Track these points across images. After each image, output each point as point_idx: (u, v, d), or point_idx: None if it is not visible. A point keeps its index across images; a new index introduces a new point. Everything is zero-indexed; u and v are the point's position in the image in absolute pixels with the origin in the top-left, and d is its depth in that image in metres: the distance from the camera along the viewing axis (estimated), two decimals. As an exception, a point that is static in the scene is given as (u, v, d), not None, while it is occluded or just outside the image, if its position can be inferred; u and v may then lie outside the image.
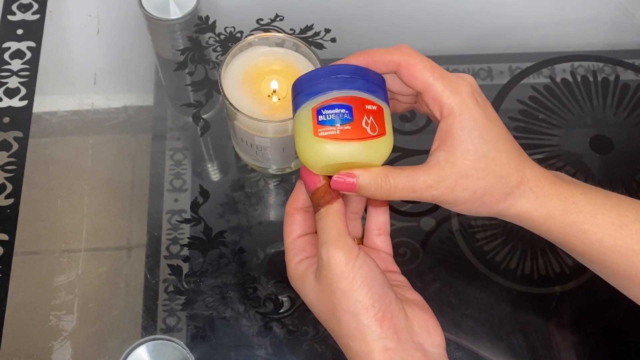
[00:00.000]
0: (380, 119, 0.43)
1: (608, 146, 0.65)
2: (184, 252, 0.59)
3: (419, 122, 0.65)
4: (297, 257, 0.45)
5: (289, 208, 0.47)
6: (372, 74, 0.44)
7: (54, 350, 0.55)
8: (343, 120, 0.42)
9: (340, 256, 0.41)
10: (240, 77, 0.55)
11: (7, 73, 0.67)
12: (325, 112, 0.42)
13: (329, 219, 0.42)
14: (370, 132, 0.42)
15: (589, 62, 0.69)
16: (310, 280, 0.43)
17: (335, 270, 0.41)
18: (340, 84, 0.43)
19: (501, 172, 0.43)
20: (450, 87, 0.42)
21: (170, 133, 0.64)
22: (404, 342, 0.41)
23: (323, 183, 0.44)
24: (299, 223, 0.46)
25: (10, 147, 0.63)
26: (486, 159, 0.42)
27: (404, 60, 0.43)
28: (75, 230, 0.60)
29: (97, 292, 0.57)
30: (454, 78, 0.43)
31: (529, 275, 0.58)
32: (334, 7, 0.72)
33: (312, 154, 0.43)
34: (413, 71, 0.43)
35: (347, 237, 0.42)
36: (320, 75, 0.43)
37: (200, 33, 0.69)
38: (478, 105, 0.43)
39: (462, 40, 0.70)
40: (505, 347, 0.56)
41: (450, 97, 0.42)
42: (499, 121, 0.44)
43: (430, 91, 0.43)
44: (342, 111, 0.42)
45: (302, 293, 0.45)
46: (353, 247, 0.41)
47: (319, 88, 0.43)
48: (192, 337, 0.55)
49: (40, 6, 0.71)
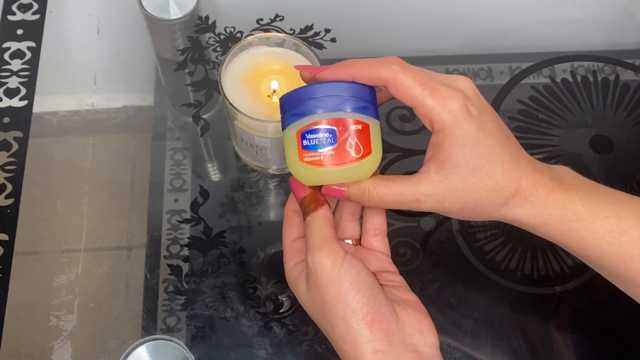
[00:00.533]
0: (366, 137, 0.43)
1: (608, 146, 0.65)
2: (184, 252, 0.59)
3: (419, 122, 0.65)
4: (293, 259, 0.46)
5: (287, 210, 0.47)
6: (359, 88, 0.43)
7: (54, 350, 0.55)
8: (327, 144, 0.42)
9: (326, 261, 0.41)
10: (240, 77, 0.55)
11: (7, 73, 0.67)
12: (309, 137, 0.42)
13: (314, 226, 0.43)
14: (354, 155, 0.42)
15: (589, 62, 0.69)
16: (302, 285, 0.44)
17: (322, 276, 0.41)
18: (326, 103, 0.42)
19: (494, 186, 0.42)
20: (440, 103, 0.41)
21: (170, 133, 0.64)
22: (394, 344, 0.41)
23: (309, 192, 0.45)
24: (296, 226, 0.47)
25: (10, 147, 0.63)
26: (478, 173, 0.42)
27: (391, 78, 0.42)
28: (75, 230, 0.60)
29: (97, 292, 0.57)
30: (445, 92, 0.41)
31: (529, 275, 0.58)
32: (334, 7, 0.71)
33: (299, 175, 0.44)
34: (401, 89, 0.42)
35: (332, 242, 0.42)
36: (305, 95, 0.43)
37: (200, 33, 0.69)
38: (471, 119, 0.41)
39: (462, 40, 0.70)
40: (505, 347, 0.56)
41: (441, 114, 0.41)
42: (497, 130, 0.43)
43: (420, 108, 0.42)
44: (325, 135, 0.42)
45: (297, 296, 0.45)
46: (339, 252, 0.42)
47: (303, 109, 0.43)
48: (192, 337, 0.55)
49: (40, 6, 0.71)
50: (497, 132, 0.43)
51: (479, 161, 0.42)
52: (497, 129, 0.43)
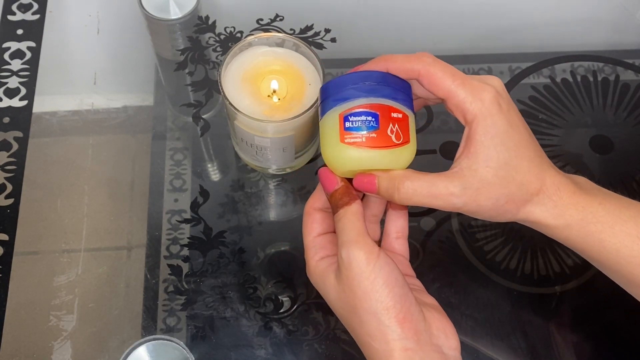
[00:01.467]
0: (405, 126, 0.44)
1: (608, 146, 0.65)
2: (184, 252, 0.59)
3: (419, 122, 0.65)
4: (317, 254, 0.46)
5: (308, 208, 0.47)
6: (398, 80, 0.44)
7: (54, 350, 0.55)
8: (369, 128, 0.43)
9: (361, 256, 0.41)
10: (240, 77, 0.55)
11: (7, 73, 0.67)
12: (352, 119, 0.43)
13: (348, 220, 0.43)
14: (394, 140, 0.43)
15: (589, 62, 0.69)
16: (330, 279, 0.44)
17: (356, 270, 0.41)
18: (368, 91, 0.44)
19: (522, 180, 0.42)
20: (472, 93, 0.42)
21: (170, 133, 0.64)
22: (423, 344, 0.41)
23: (341, 185, 0.45)
24: (318, 221, 0.47)
25: (10, 147, 0.63)
26: (507, 167, 0.42)
27: (424, 69, 0.43)
28: (75, 230, 0.60)
29: (97, 292, 0.57)
30: (476, 84, 0.43)
31: (529, 275, 0.58)
32: (334, 7, 0.71)
33: (337, 158, 0.44)
34: (434, 79, 0.43)
35: (366, 237, 0.42)
36: (348, 81, 0.44)
37: (200, 33, 0.69)
38: (501, 112, 0.42)
39: (462, 40, 0.70)
40: (505, 347, 0.56)
41: (473, 104, 0.42)
42: (523, 127, 0.44)
43: (453, 98, 0.43)
44: (368, 119, 0.43)
45: (322, 291, 0.45)
46: (373, 247, 0.42)
47: (347, 94, 0.44)
48: (192, 337, 0.55)
49: (40, 6, 0.71)
50: (523, 129, 0.44)
51: (507, 154, 0.42)
52: (523, 126, 0.44)
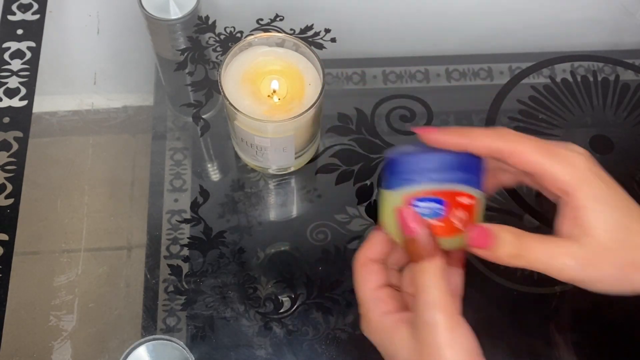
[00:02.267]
0: (472, 212, 0.42)
1: (608, 146, 0.65)
2: (184, 252, 0.59)
3: (419, 122, 0.65)
4: (379, 308, 0.44)
5: (364, 259, 0.46)
6: (472, 161, 0.42)
7: (54, 350, 0.55)
8: (434, 215, 0.41)
9: (446, 322, 0.40)
10: (240, 77, 0.55)
11: (7, 73, 0.67)
12: (417, 204, 0.42)
13: (433, 276, 0.41)
14: (459, 226, 0.42)
15: (589, 62, 0.69)
16: (403, 336, 0.42)
17: (440, 336, 0.40)
18: (437, 174, 0.41)
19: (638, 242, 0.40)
20: (565, 162, 0.41)
21: (170, 133, 0.64)
22: None
23: (425, 231, 0.41)
24: (376, 273, 0.45)
25: (10, 147, 0.63)
26: (621, 229, 0.40)
27: (511, 148, 0.41)
28: (75, 230, 0.60)
29: (97, 292, 0.57)
30: (566, 153, 0.41)
31: (529, 275, 0.58)
32: (334, 7, 0.71)
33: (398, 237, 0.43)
34: (523, 157, 0.41)
35: (450, 299, 0.40)
36: (418, 161, 0.42)
37: (200, 33, 0.69)
38: (597, 176, 0.41)
39: (462, 40, 0.70)
40: (505, 347, 0.56)
41: (571, 174, 0.40)
42: (620, 187, 0.42)
43: (547, 173, 0.41)
44: (435, 206, 0.41)
45: (387, 347, 0.43)
46: (455, 313, 0.40)
47: (415, 176, 0.42)
48: (192, 337, 0.55)
49: (40, 6, 0.71)
50: (620, 189, 0.42)
51: (618, 214, 0.40)
52: (616, 185, 0.42)
